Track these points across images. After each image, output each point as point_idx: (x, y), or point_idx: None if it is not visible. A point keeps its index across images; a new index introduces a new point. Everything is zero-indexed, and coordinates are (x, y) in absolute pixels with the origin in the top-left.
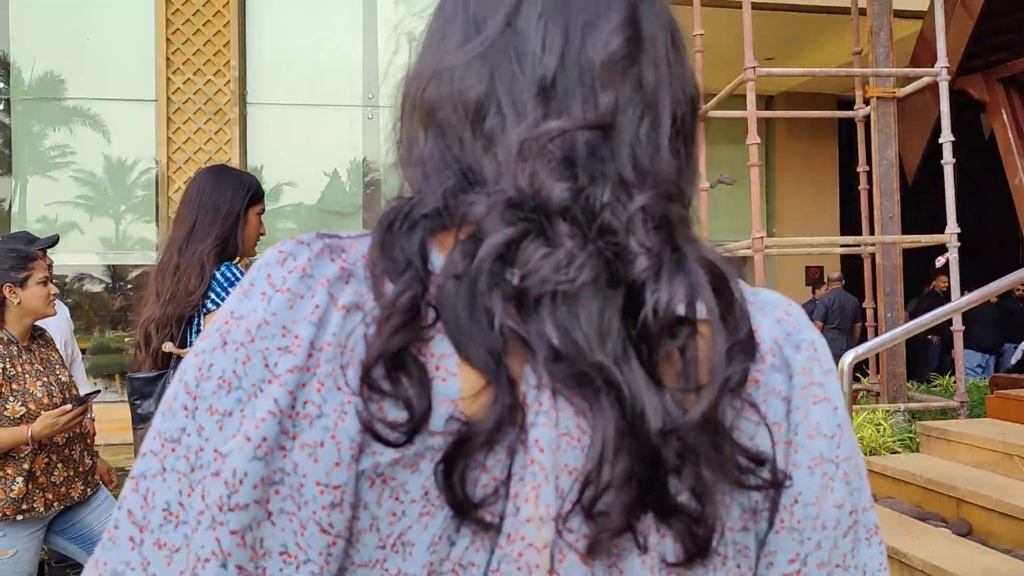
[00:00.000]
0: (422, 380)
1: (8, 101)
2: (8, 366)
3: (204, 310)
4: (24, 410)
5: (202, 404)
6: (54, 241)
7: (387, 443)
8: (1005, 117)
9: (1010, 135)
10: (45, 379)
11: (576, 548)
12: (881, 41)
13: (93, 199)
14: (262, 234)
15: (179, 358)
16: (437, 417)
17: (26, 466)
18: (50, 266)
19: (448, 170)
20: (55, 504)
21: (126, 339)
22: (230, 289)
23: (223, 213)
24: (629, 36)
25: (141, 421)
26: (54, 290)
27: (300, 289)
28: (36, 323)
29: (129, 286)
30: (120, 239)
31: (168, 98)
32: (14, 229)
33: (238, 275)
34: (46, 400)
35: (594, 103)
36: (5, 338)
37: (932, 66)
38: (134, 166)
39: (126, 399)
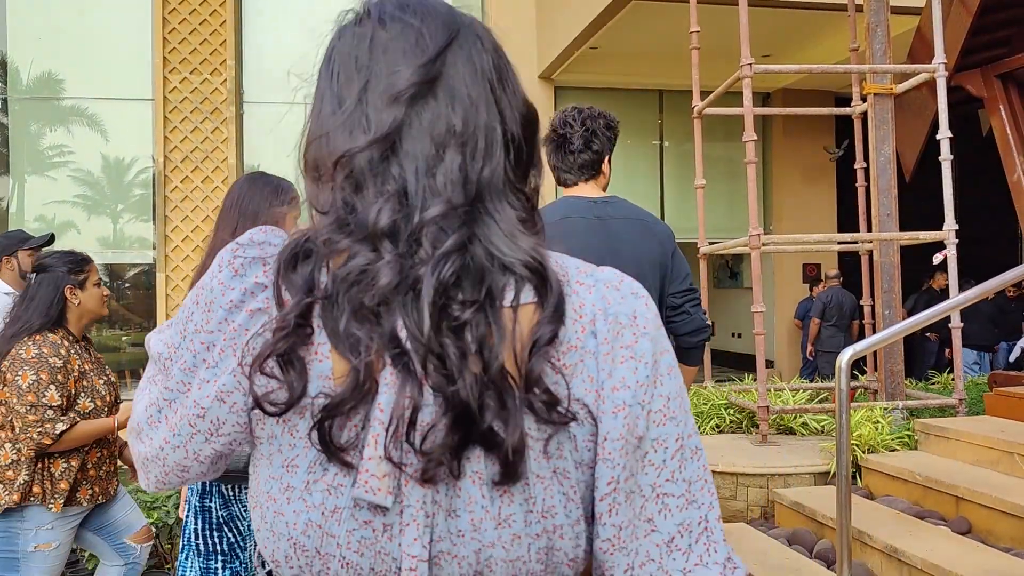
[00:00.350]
0: (301, 371)
1: (5, 101)
2: (80, 364)
3: None
4: (92, 406)
5: (184, 343)
6: (48, 239)
7: (268, 413)
8: (1003, 113)
9: (1008, 131)
10: (104, 377)
11: (414, 476)
12: (878, 37)
13: (90, 198)
14: None
15: None
16: (314, 387)
17: (80, 459)
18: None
19: (331, 210)
20: (99, 497)
21: (123, 338)
22: None
23: (261, 219)
24: (421, 78)
25: None
26: (106, 291)
27: (231, 283)
28: None
29: (127, 285)
30: (117, 238)
31: (165, 97)
32: (12, 228)
33: None
34: (108, 397)
35: (381, 135)
36: (71, 337)
37: (929, 62)
38: (131, 165)
39: (127, 398)
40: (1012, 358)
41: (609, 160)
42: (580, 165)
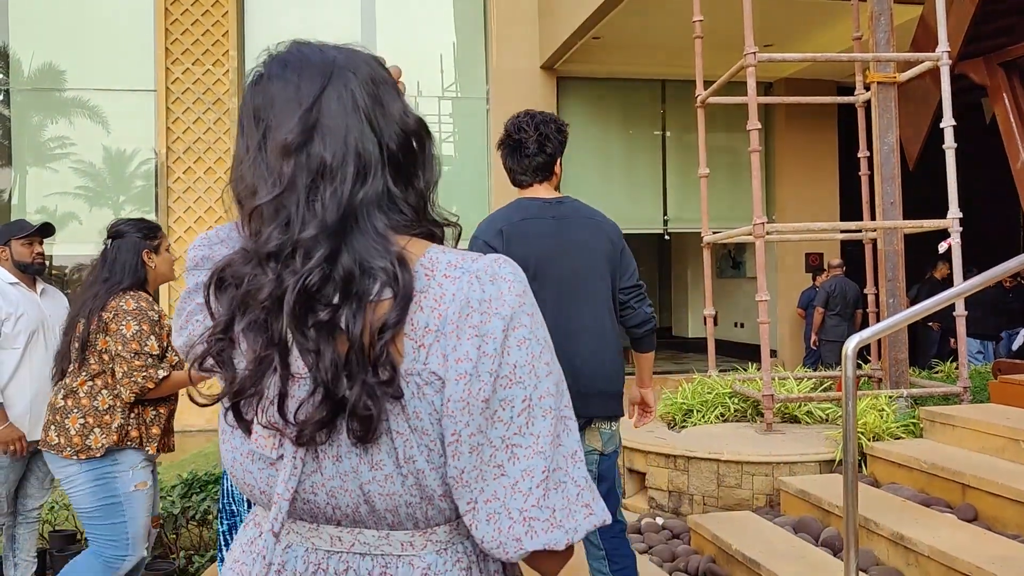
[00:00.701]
0: (231, 367)
1: (7, 92)
2: (167, 320)
3: None
4: (176, 359)
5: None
6: (43, 228)
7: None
8: (1006, 101)
9: (1011, 119)
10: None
11: (289, 438)
12: (882, 26)
13: (92, 189)
14: None
15: None
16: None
17: (167, 409)
18: (40, 254)
19: (246, 239)
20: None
21: None
22: None
23: None
24: (301, 128)
25: None
26: (176, 255)
27: (189, 273)
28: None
29: None
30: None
31: (167, 88)
32: (13, 219)
33: None
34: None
35: (276, 179)
36: (151, 298)
37: (933, 51)
38: (133, 156)
39: None
40: (1015, 346)
41: (560, 162)
42: (535, 168)
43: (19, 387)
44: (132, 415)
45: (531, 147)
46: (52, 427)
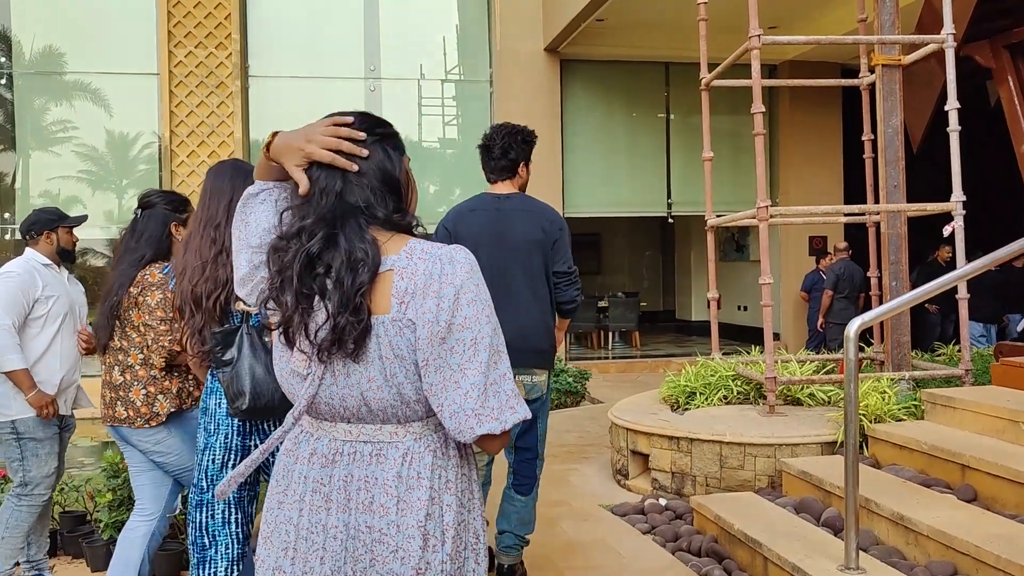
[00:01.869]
0: (283, 306)
1: (10, 76)
2: None
3: None
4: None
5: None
6: (83, 219)
7: (270, 329)
8: (1011, 84)
9: (1016, 102)
10: None
11: (314, 356)
12: (887, 8)
13: (95, 173)
14: None
15: (247, 313)
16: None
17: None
18: (75, 243)
19: (286, 224)
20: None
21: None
22: None
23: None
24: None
25: (223, 366)
26: None
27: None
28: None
29: None
30: (123, 213)
31: (170, 71)
32: (17, 203)
33: None
34: None
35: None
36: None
37: (938, 33)
38: (136, 140)
39: None
40: (1020, 328)
41: (526, 165)
42: (499, 168)
43: (50, 367)
44: (191, 377)
45: (496, 152)
46: (118, 404)
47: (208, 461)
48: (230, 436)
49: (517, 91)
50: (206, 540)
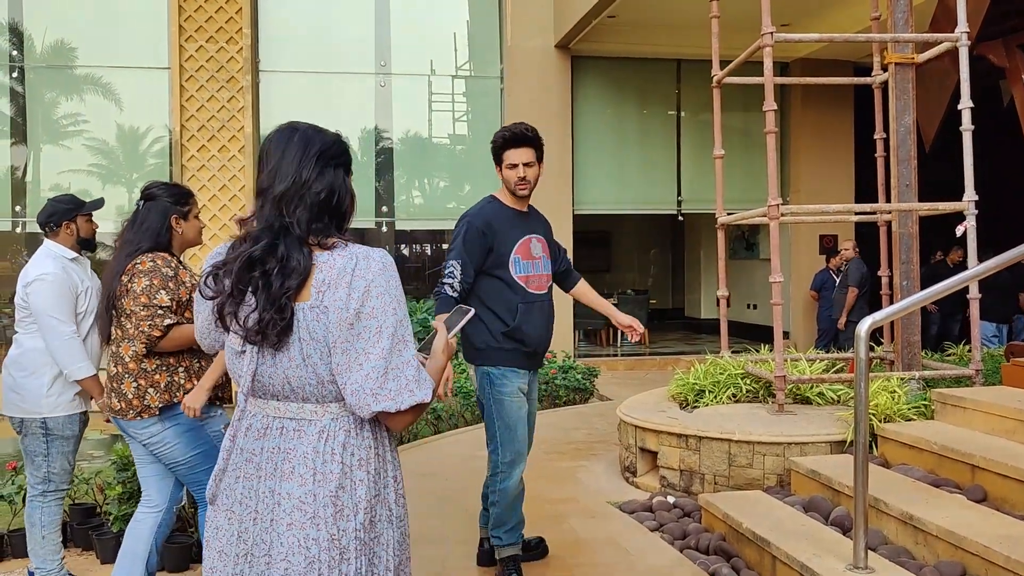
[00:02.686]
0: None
1: (22, 69)
2: (189, 278)
3: None
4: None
5: None
6: (100, 203)
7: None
8: None
9: None
10: None
11: (247, 340)
12: (900, 6)
13: (106, 167)
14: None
15: None
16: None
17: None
18: (95, 231)
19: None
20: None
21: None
22: None
23: None
24: (267, 176)
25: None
26: (204, 223)
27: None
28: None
29: None
30: (133, 207)
31: (181, 66)
32: (28, 197)
33: None
34: None
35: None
36: (175, 262)
37: (952, 31)
38: (147, 134)
39: None
40: None
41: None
42: None
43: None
44: (181, 369)
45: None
46: (113, 395)
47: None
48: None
49: (528, 88)
50: None
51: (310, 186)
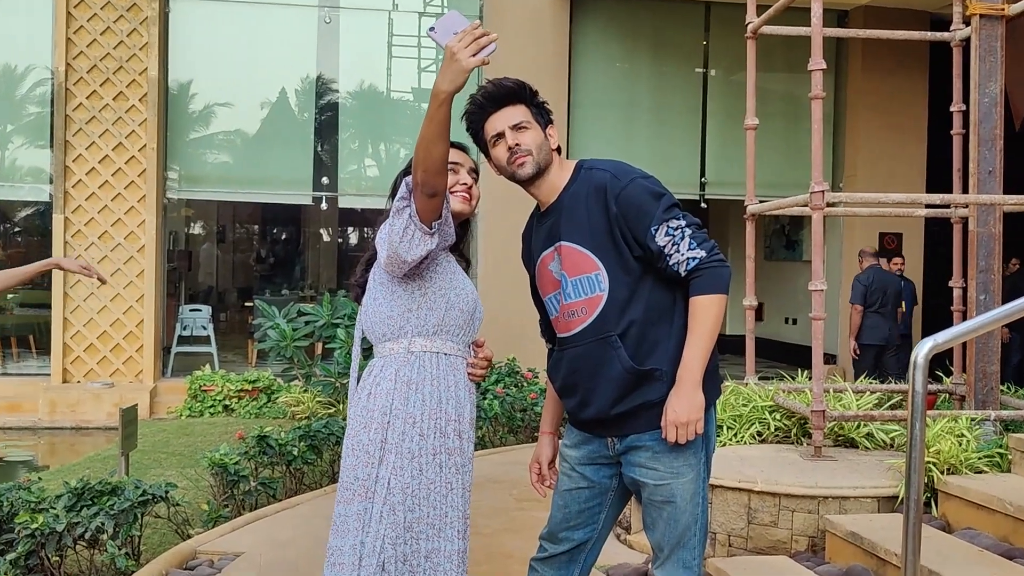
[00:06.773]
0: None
1: None
2: None
3: None
4: None
5: None
6: None
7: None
8: None
9: None
10: None
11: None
12: None
13: None
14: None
15: None
16: None
17: None
18: None
19: None
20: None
21: (9, 296)
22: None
23: None
24: None
25: None
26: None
27: None
28: None
29: (16, 228)
30: (6, 168)
31: None
32: None
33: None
34: None
35: None
36: None
37: None
38: (24, 76)
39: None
40: None
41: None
42: None
43: None
44: None
45: None
46: None
47: None
48: None
49: (513, 32)
50: None
51: None
